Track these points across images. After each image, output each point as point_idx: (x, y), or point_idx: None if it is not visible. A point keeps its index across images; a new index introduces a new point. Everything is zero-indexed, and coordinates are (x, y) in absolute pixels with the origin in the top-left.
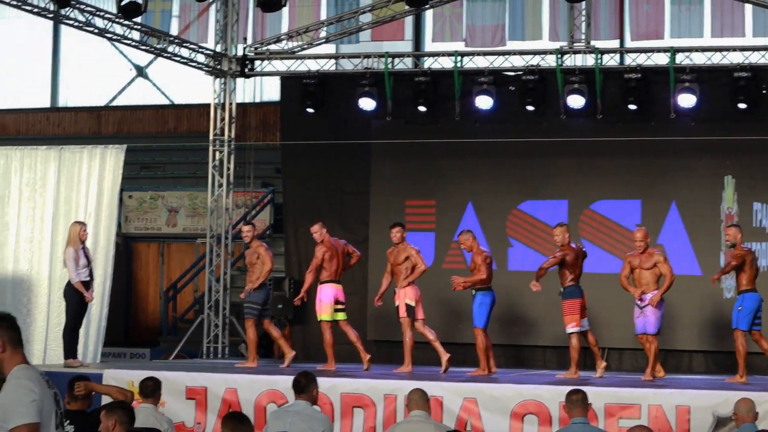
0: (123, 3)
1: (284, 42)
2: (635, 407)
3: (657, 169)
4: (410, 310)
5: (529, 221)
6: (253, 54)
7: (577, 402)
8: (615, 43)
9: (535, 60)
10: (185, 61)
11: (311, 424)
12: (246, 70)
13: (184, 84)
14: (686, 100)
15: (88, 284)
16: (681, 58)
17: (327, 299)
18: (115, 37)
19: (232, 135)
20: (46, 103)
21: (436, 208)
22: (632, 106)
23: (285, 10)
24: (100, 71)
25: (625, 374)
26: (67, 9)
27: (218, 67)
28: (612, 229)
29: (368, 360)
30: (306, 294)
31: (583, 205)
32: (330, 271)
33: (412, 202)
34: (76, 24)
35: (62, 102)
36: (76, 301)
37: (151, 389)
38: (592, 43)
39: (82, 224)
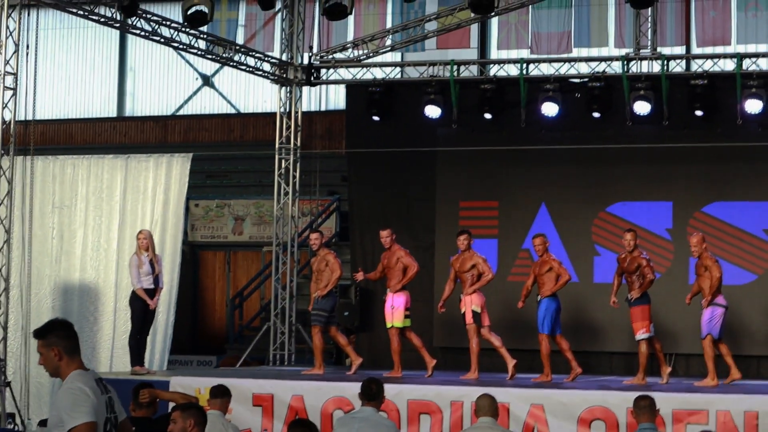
0: (189, 12)
1: (350, 50)
2: (703, 413)
3: (724, 175)
4: (476, 316)
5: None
6: (318, 62)
7: (645, 408)
8: (681, 50)
9: (600, 67)
10: (251, 69)
11: (377, 430)
12: (312, 78)
13: (250, 93)
14: (753, 106)
15: (151, 292)
16: (747, 64)
17: (401, 306)
18: (181, 47)
19: (298, 143)
20: (112, 113)
21: (499, 211)
22: (699, 113)
23: (350, 19)
24: (166, 80)
25: (692, 379)
26: (133, 18)
27: (284, 75)
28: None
29: (432, 366)
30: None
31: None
32: (402, 278)
33: (469, 203)
34: (143, 33)
35: (129, 111)
36: (139, 308)
37: (217, 396)
38: (658, 49)
39: (140, 232)
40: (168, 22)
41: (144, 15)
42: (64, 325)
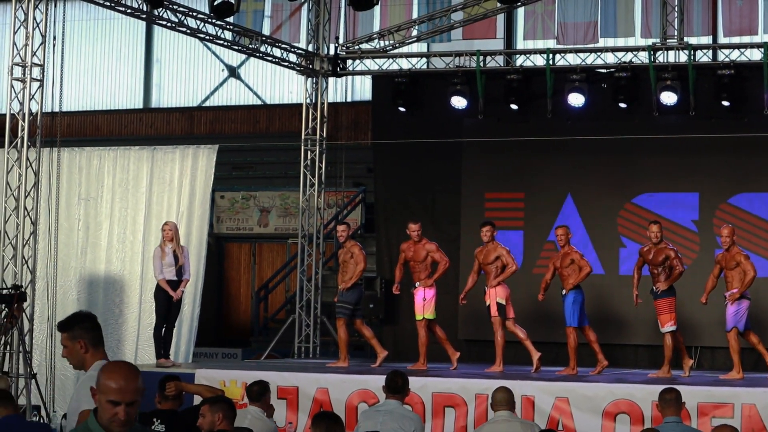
0: (215, 3)
1: (376, 41)
2: (728, 406)
3: (751, 166)
4: (501, 309)
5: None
6: (344, 53)
7: (671, 401)
8: (708, 39)
9: (627, 57)
10: (277, 60)
11: (402, 423)
12: (338, 69)
13: (276, 84)
14: None
15: (175, 284)
16: None
17: (431, 298)
18: (207, 38)
19: (324, 134)
20: (139, 104)
21: (525, 203)
22: (725, 103)
23: (377, 9)
24: (192, 72)
25: (718, 373)
26: (160, 10)
27: (310, 66)
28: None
29: (456, 358)
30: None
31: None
32: (431, 271)
33: (494, 194)
34: (169, 24)
35: (155, 103)
36: (162, 299)
37: (256, 393)
38: (685, 39)
39: (166, 223)
40: (194, 13)
41: (170, 6)
42: (89, 317)
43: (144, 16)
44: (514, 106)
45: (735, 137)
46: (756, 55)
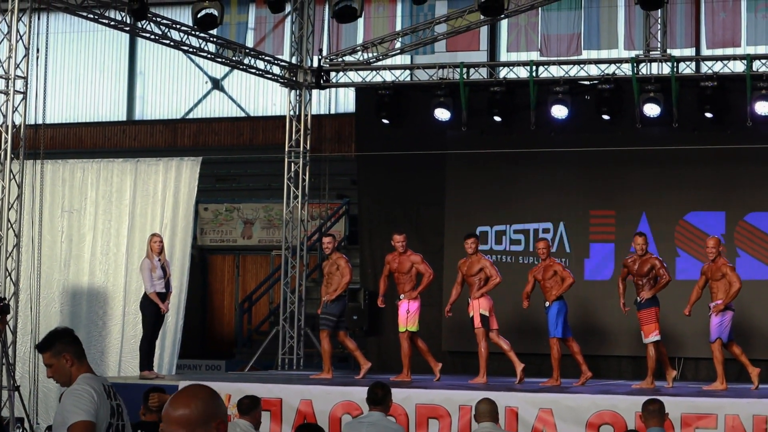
0: (199, 15)
1: (359, 53)
2: (712, 417)
3: (733, 177)
4: (485, 320)
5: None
6: (328, 65)
7: (654, 412)
8: (691, 52)
9: (610, 69)
10: (261, 73)
11: None
12: (321, 81)
13: (259, 96)
14: (763, 108)
15: (163, 296)
16: (758, 66)
17: (415, 310)
18: (191, 50)
19: (308, 146)
20: (122, 116)
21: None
22: (708, 115)
23: (360, 21)
24: (176, 84)
25: (701, 384)
26: (143, 22)
27: (293, 78)
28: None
29: (439, 369)
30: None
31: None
32: (415, 283)
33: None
34: (153, 37)
35: (138, 115)
36: (152, 312)
37: (246, 407)
38: (668, 51)
39: (154, 235)
40: (178, 26)
41: (154, 18)
42: (66, 332)
43: (128, 28)
44: (497, 118)
45: (718, 149)
46: (739, 67)
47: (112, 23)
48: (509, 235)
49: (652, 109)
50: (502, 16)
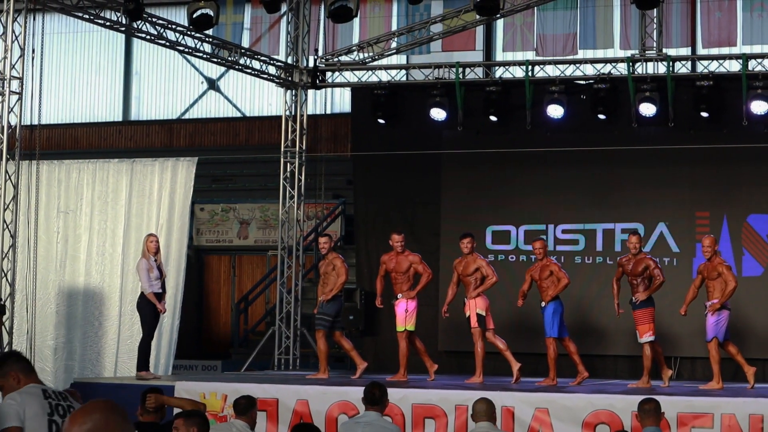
0: (194, 16)
1: (355, 53)
2: (708, 416)
3: (730, 177)
4: (481, 320)
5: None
6: (324, 65)
7: (650, 411)
8: (687, 51)
9: (606, 68)
10: (256, 73)
11: None
12: (317, 81)
13: (255, 96)
14: (759, 107)
15: (160, 296)
16: (753, 65)
17: (413, 309)
18: (186, 50)
19: (304, 147)
20: (118, 117)
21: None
22: (704, 114)
23: (356, 21)
24: (171, 84)
25: (697, 383)
26: (139, 22)
27: (289, 78)
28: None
29: (434, 371)
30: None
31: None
32: (413, 283)
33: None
34: (148, 37)
35: (134, 115)
36: (149, 312)
37: (243, 407)
38: (664, 50)
39: (150, 235)
40: (173, 26)
41: (149, 19)
42: (13, 353)
43: (123, 29)
44: (493, 118)
45: (714, 148)
46: (735, 66)
47: (108, 24)
48: (518, 236)
49: (648, 109)
50: (498, 15)
